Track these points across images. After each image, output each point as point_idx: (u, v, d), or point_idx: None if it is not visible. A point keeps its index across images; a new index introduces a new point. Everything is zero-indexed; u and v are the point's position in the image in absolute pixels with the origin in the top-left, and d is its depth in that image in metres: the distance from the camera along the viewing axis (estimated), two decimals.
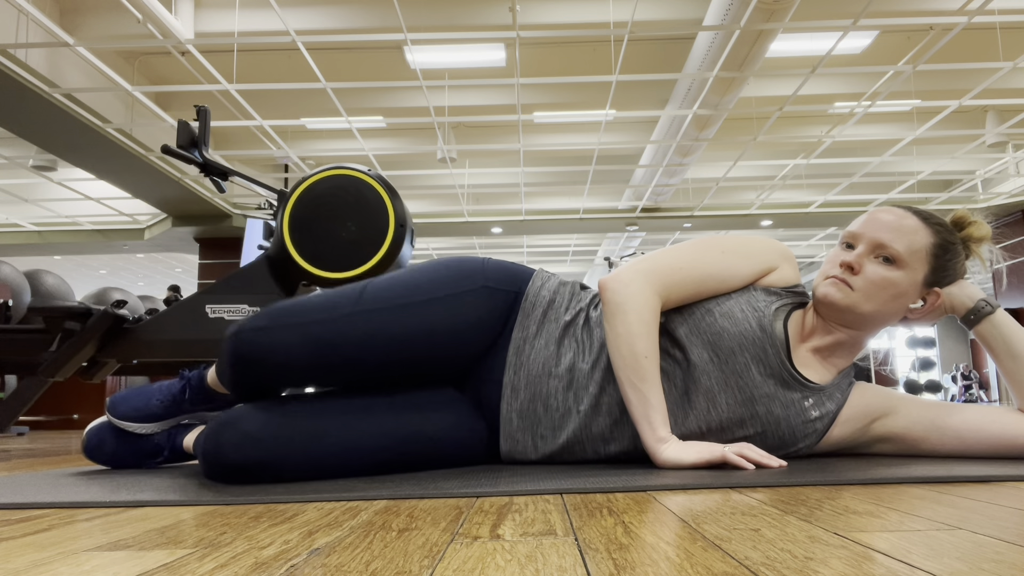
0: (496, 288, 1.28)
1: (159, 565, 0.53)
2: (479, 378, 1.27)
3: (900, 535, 0.59)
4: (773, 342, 1.19)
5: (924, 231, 1.19)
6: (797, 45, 6.19)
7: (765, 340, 1.19)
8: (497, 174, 9.18)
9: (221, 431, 1.09)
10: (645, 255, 1.23)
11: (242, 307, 2.54)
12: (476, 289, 1.25)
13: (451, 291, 1.23)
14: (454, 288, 1.23)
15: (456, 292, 1.23)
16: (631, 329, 1.14)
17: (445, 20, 5.77)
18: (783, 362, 1.19)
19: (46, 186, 8.77)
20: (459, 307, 1.22)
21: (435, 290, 1.22)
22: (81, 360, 2.61)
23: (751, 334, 1.19)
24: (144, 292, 11.84)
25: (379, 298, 1.19)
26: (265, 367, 1.12)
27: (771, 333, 1.20)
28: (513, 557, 0.54)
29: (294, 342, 1.12)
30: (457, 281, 1.25)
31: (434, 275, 1.25)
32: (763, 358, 1.19)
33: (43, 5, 5.42)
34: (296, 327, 1.13)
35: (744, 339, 1.18)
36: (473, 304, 1.24)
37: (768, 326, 1.20)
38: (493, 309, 1.26)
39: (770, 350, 1.19)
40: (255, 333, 1.12)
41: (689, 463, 1.09)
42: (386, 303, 1.19)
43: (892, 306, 1.19)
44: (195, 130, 2.66)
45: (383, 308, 1.18)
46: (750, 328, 1.19)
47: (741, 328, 1.19)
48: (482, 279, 1.27)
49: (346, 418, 1.15)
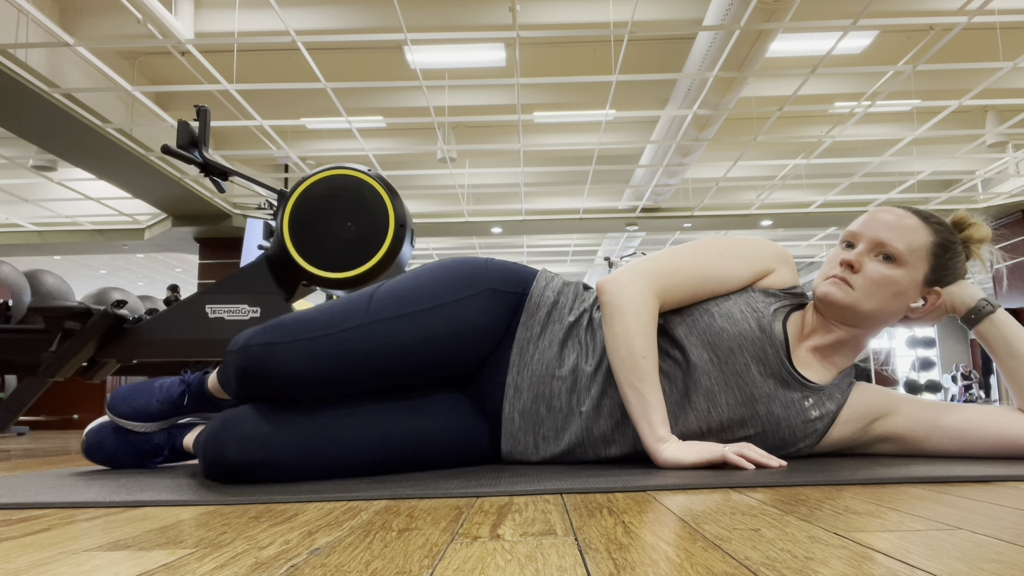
0: (500, 290, 1.28)
1: (159, 565, 0.53)
2: (482, 378, 1.28)
3: (900, 535, 0.59)
4: (772, 342, 1.20)
5: (924, 230, 1.19)
6: (797, 45, 6.20)
7: (764, 340, 1.19)
8: (497, 174, 9.18)
9: (222, 431, 1.09)
10: (643, 257, 1.24)
11: (242, 307, 2.54)
12: (481, 293, 1.25)
13: (457, 296, 1.23)
14: (459, 293, 1.23)
15: (461, 298, 1.23)
16: (629, 330, 1.15)
17: (445, 20, 5.77)
18: (782, 362, 1.19)
19: (46, 186, 8.77)
20: (465, 313, 1.22)
21: (441, 296, 1.22)
22: (81, 360, 2.61)
23: (750, 334, 1.19)
24: (144, 292, 11.84)
25: (385, 308, 1.19)
26: (273, 382, 1.12)
27: (770, 333, 1.20)
28: (513, 557, 0.54)
29: (303, 357, 1.12)
30: (462, 286, 1.24)
31: (439, 280, 1.24)
32: (762, 358, 1.19)
33: (43, 5, 5.42)
34: (305, 343, 1.13)
35: (743, 339, 1.19)
36: (479, 309, 1.24)
37: (767, 326, 1.20)
38: (498, 312, 1.27)
39: (769, 350, 1.19)
40: (264, 349, 1.12)
41: (689, 463, 1.09)
42: (393, 313, 1.18)
43: (892, 304, 1.19)
44: (195, 130, 2.66)
45: (390, 318, 1.18)
46: (749, 328, 1.19)
47: (740, 328, 1.19)
48: (487, 282, 1.27)
49: (346, 420, 1.15)
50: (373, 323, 1.17)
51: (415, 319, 1.19)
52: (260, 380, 1.12)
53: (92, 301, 5.00)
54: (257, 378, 1.12)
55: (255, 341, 1.13)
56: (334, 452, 1.12)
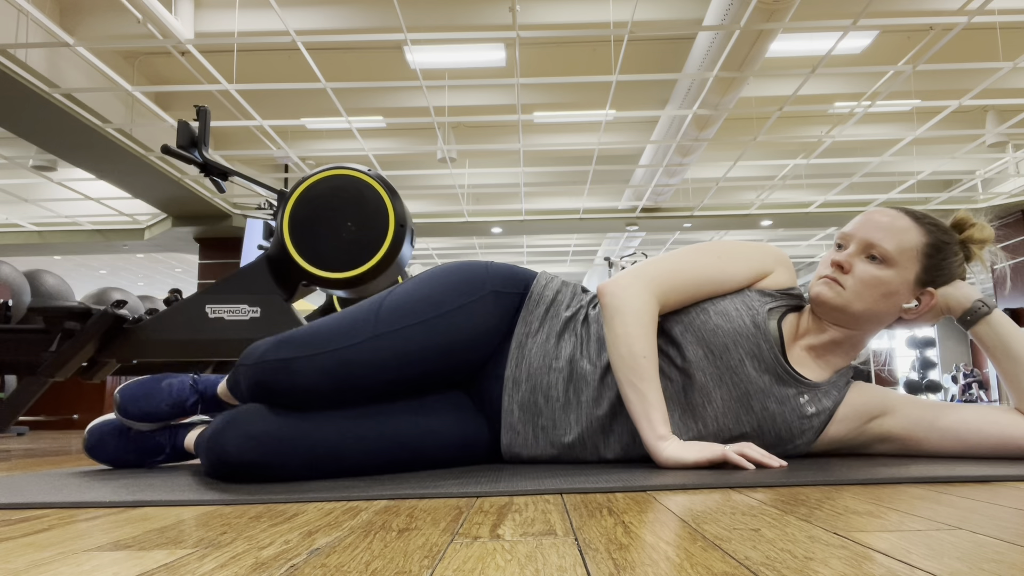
0: (502, 291, 1.31)
1: (159, 565, 0.53)
2: (483, 375, 1.30)
3: (900, 535, 0.59)
4: (767, 337, 1.21)
5: (916, 230, 1.20)
6: (797, 45, 6.20)
7: (759, 335, 1.20)
8: (497, 174, 9.18)
9: (225, 431, 1.10)
10: (643, 262, 1.26)
11: (242, 307, 2.54)
12: (484, 296, 1.28)
13: (462, 302, 1.26)
14: (464, 298, 1.26)
15: (466, 303, 1.26)
16: (629, 330, 1.16)
17: (445, 20, 5.77)
18: (777, 357, 1.20)
19: (46, 186, 8.77)
20: (471, 317, 1.25)
21: (446, 302, 1.25)
22: (81, 360, 2.61)
23: (745, 330, 1.20)
24: (144, 292, 11.84)
25: (398, 318, 1.21)
26: (288, 396, 1.14)
27: (765, 329, 1.21)
28: (513, 557, 0.54)
29: (318, 372, 1.14)
30: (466, 290, 1.27)
31: (444, 286, 1.27)
32: (757, 353, 1.20)
33: (43, 5, 5.42)
34: (317, 357, 1.15)
35: (738, 335, 1.20)
36: (483, 312, 1.27)
37: (762, 323, 1.22)
38: (502, 313, 1.30)
39: (764, 346, 1.20)
40: (279, 364, 1.14)
41: (690, 462, 1.09)
42: (402, 323, 1.21)
43: (883, 305, 1.20)
44: (195, 130, 2.66)
45: (399, 329, 1.20)
46: (744, 324, 1.21)
47: (735, 324, 1.21)
48: (489, 285, 1.30)
49: (348, 422, 1.16)
50: (387, 334, 1.20)
51: (425, 327, 1.22)
52: (275, 392, 1.14)
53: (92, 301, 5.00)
54: (272, 391, 1.14)
55: (270, 356, 1.15)
56: (337, 455, 1.13)
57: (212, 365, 3.38)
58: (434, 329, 1.22)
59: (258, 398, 1.15)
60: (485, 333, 1.27)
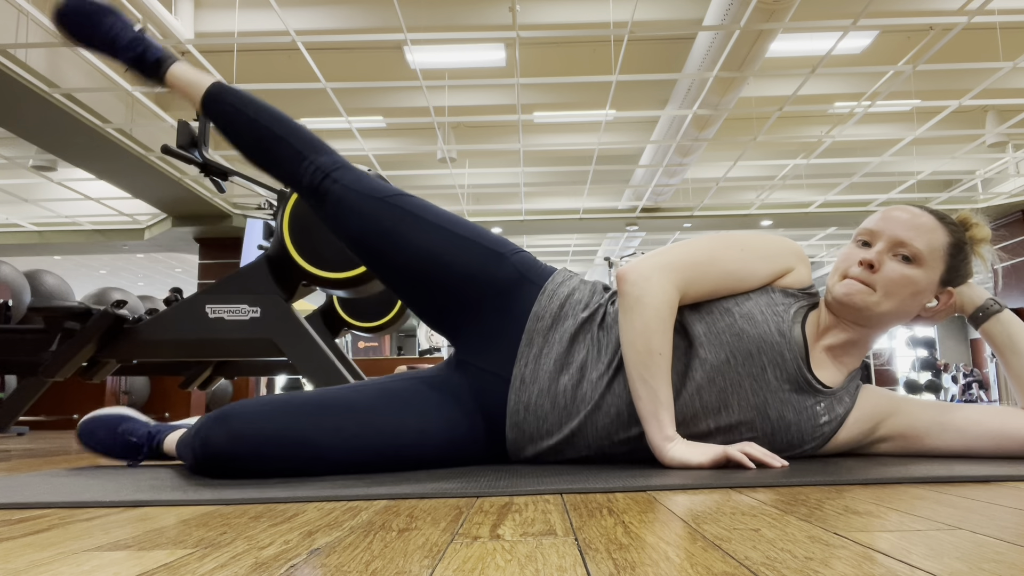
0: (523, 274, 1.32)
1: (159, 565, 0.53)
2: (483, 370, 1.27)
3: (900, 535, 0.59)
4: (791, 347, 1.18)
5: (941, 230, 1.18)
6: (797, 45, 6.19)
7: (784, 345, 1.18)
8: (497, 174, 9.18)
9: (211, 428, 1.11)
10: (662, 248, 1.23)
11: (242, 307, 2.54)
12: (505, 262, 1.31)
13: (486, 243, 1.32)
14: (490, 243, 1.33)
15: (489, 247, 1.32)
16: (648, 324, 1.13)
17: (445, 20, 5.77)
18: (800, 368, 1.18)
19: (46, 186, 8.77)
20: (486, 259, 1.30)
21: (475, 233, 1.33)
22: (81, 360, 2.60)
23: (770, 338, 1.18)
24: (144, 292, 11.85)
25: (422, 209, 1.33)
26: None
27: (790, 338, 1.19)
28: (513, 557, 0.54)
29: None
30: (495, 240, 1.34)
31: (475, 226, 1.35)
32: (780, 363, 1.18)
33: (43, 5, 5.41)
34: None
35: (763, 342, 1.17)
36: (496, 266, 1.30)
37: (787, 331, 1.19)
38: (510, 289, 1.30)
39: (788, 355, 1.18)
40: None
41: (696, 464, 1.08)
42: (430, 216, 1.32)
43: (909, 305, 1.19)
44: (195, 130, 2.65)
45: (427, 218, 1.32)
46: (769, 332, 1.18)
47: (760, 331, 1.18)
48: (515, 259, 1.33)
49: (337, 419, 1.15)
50: (410, 214, 1.32)
51: (448, 230, 1.31)
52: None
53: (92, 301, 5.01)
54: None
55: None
56: (325, 451, 1.13)
57: (211, 366, 3.38)
58: (456, 235, 1.30)
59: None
60: (485, 283, 1.28)
